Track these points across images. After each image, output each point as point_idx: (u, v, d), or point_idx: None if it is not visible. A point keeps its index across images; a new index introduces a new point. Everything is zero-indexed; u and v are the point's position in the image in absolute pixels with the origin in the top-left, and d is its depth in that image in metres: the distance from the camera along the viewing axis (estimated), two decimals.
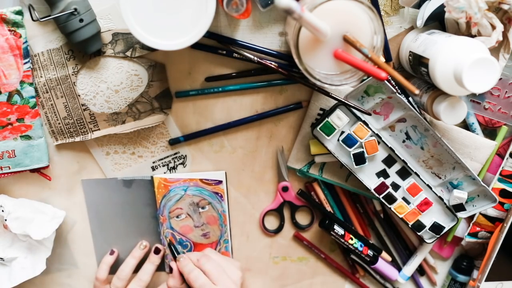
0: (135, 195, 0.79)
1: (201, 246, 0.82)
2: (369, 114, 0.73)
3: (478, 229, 0.80)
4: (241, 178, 0.81)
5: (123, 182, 0.78)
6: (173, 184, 0.78)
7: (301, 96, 0.77)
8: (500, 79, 0.75)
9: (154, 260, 0.80)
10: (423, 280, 0.87)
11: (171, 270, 0.78)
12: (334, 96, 0.73)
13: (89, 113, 0.74)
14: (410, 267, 0.83)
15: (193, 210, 0.80)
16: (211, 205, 0.80)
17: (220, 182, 0.79)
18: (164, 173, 0.79)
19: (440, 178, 0.78)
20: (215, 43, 0.73)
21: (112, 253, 0.80)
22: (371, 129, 0.74)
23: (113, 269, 0.81)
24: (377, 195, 0.77)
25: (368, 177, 0.77)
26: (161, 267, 0.82)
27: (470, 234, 0.81)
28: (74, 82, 0.73)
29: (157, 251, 0.80)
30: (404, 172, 0.77)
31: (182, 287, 0.76)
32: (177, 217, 0.80)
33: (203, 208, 0.80)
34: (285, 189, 0.81)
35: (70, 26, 0.66)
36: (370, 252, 0.81)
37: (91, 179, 0.78)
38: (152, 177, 0.78)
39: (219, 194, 0.79)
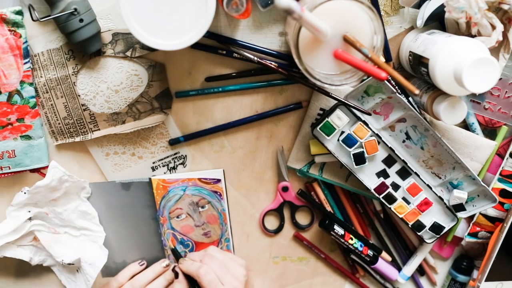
0: (134, 197, 0.79)
1: (202, 245, 0.82)
2: (369, 114, 0.73)
3: (478, 229, 0.80)
4: (241, 178, 0.81)
5: (122, 185, 0.78)
6: (171, 184, 0.78)
7: (301, 96, 0.77)
8: (500, 79, 0.75)
9: (168, 278, 0.77)
10: (423, 280, 0.87)
11: (177, 275, 0.77)
12: (334, 96, 0.73)
13: (89, 113, 0.74)
14: (410, 267, 0.83)
15: (193, 209, 0.80)
16: (210, 204, 0.80)
17: (218, 180, 0.79)
18: (164, 173, 0.79)
19: (440, 178, 0.78)
20: (215, 43, 0.73)
21: (141, 264, 0.79)
22: (371, 129, 0.74)
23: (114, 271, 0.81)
24: (377, 195, 0.77)
25: (368, 177, 0.77)
26: None
27: (470, 234, 0.81)
28: (74, 82, 0.73)
29: (175, 272, 0.78)
30: (404, 172, 0.77)
31: None
32: (177, 217, 0.80)
33: (202, 207, 0.80)
34: (285, 189, 0.81)
35: (70, 26, 0.66)
36: (370, 252, 0.81)
37: (89, 183, 0.78)
38: (150, 178, 0.78)
39: (218, 193, 0.79)
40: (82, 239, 0.78)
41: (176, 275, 0.77)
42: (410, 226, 0.78)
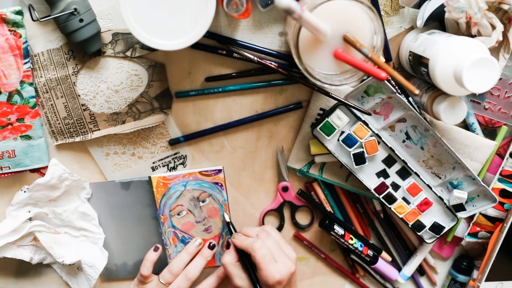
0: (134, 197, 0.79)
1: (204, 242, 0.82)
2: (369, 114, 0.73)
3: (478, 229, 0.80)
4: (241, 178, 0.81)
5: (121, 184, 0.78)
6: (172, 181, 0.78)
7: (301, 96, 0.77)
8: (500, 79, 0.75)
9: (206, 255, 0.78)
10: (423, 280, 0.87)
11: (228, 246, 0.77)
12: (334, 96, 0.73)
13: (89, 113, 0.74)
14: (410, 267, 0.83)
15: (193, 205, 0.80)
16: (211, 197, 0.80)
17: (219, 171, 0.78)
18: (164, 173, 0.79)
19: (440, 178, 0.78)
20: (215, 43, 0.73)
21: (156, 249, 0.79)
22: (371, 129, 0.74)
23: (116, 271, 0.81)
24: (377, 195, 0.77)
25: (368, 177, 0.77)
26: None
27: (470, 234, 0.81)
28: (74, 82, 0.73)
29: (211, 246, 0.79)
30: (404, 172, 0.77)
31: (237, 264, 0.74)
32: (178, 214, 0.80)
33: (203, 201, 0.80)
34: (285, 189, 0.81)
35: (70, 26, 0.66)
36: (370, 252, 0.81)
37: (89, 183, 0.78)
38: (149, 177, 0.78)
39: (219, 184, 0.79)
40: (82, 240, 0.78)
41: (227, 246, 0.78)
42: (410, 226, 0.78)
